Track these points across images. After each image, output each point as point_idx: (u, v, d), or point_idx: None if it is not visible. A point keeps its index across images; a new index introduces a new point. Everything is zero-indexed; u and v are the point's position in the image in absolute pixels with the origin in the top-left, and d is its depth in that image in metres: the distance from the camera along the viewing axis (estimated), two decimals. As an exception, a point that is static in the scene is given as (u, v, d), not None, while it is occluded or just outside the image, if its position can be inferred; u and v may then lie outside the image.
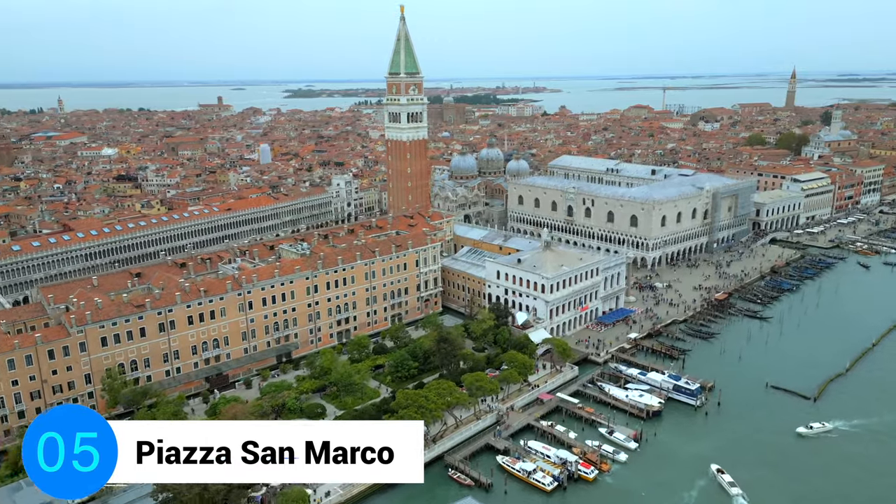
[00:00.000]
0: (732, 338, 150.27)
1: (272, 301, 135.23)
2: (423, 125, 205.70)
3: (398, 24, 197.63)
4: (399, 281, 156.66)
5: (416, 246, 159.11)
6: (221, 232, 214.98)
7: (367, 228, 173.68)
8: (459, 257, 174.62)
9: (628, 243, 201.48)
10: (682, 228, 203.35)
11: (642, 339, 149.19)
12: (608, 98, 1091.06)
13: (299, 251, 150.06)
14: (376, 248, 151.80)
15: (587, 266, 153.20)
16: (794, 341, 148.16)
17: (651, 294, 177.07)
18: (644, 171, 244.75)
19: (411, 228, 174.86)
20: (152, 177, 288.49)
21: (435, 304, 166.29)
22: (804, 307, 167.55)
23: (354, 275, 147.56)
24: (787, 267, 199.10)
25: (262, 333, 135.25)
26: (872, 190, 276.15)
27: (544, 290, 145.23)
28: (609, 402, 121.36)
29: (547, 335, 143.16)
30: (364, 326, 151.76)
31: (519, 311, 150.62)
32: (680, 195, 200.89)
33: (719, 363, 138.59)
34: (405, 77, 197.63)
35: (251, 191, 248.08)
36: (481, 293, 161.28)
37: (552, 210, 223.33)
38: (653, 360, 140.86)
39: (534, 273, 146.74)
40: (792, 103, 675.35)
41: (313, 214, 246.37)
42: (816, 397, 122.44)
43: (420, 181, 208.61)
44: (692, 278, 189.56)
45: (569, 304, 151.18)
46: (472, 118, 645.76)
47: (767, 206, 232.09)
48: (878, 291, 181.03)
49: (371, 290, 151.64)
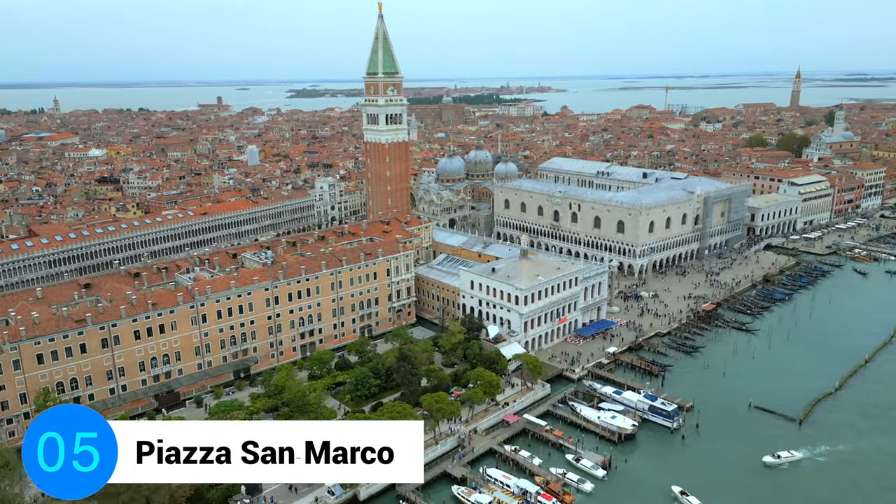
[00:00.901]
0: (718, 352, 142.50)
1: (228, 314, 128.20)
2: (403, 127, 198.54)
3: (376, 22, 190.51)
4: (369, 291, 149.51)
5: (388, 254, 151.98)
6: (196, 237, 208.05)
7: (339, 235, 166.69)
8: (435, 265, 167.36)
9: (615, 250, 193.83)
10: (671, 234, 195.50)
11: (622, 353, 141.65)
12: (613, 98, 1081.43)
13: (262, 260, 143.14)
14: (343, 257, 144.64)
15: (565, 276, 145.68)
16: (782, 356, 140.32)
17: (636, 304, 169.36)
18: (635, 175, 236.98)
19: (386, 235, 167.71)
20: (134, 179, 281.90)
21: (408, 315, 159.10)
22: (795, 318, 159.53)
23: (319, 285, 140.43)
24: (781, 275, 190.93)
25: (218, 348, 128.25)
26: (874, 193, 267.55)
27: (518, 302, 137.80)
28: (580, 423, 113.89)
29: (520, 349, 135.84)
30: (330, 339, 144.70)
31: (493, 323, 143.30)
32: (669, 200, 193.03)
33: (702, 380, 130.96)
34: (383, 77, 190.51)
35: (230, 194, 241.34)
36: (455, 304, 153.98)
37: (538, 215, 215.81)
38: (631, 376, 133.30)
39: (507, 283, 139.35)
40: (797, 103, 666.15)
41: (295, 218, 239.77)
42: (802, 420, 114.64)
43: (400, 185, 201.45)
44: (681, 287, 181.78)
45: (545, 316, 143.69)
46: (471, 118, 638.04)
47: (762, 210, 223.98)
48: (875, 302, 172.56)
49: (338, 301, 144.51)
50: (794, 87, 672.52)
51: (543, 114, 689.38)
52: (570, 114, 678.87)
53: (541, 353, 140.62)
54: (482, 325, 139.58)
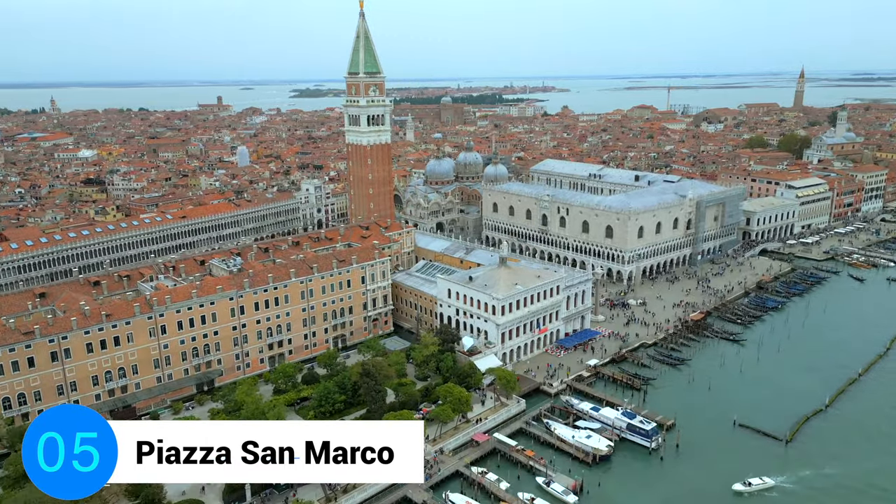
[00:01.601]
0: (704, 364, 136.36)
1: (190, 324, 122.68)
2: (386, 128, 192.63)
3: (357, 21, 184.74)
4: (342, 300, 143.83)
5: (362, 261, 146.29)
6: (174, 241, 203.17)
7: (315, 241, 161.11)
8: (414, 272, 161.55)
9: (603, 255, 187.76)
10: (661, 240, 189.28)
11: (603, 365, 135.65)
12: (617, 98, 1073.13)
13: (230, 267, 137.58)
14: (315, 264, 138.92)
15: (545, 284, 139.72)
16: (771, 369, 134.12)
17: (623, 313, 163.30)
18: (627, 177, 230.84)
19: (364, 240, 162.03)
20: (118, 181, 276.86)
21: (385, 325, 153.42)
22: (788, 328, 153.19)
23: (288, 294, 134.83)
24: (775, 282, 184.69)
25: (179, 360, 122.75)
26: (875, 196, 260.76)
27: (494, 312, 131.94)
28: (553, 443, 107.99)
29: (497, 362, 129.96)
30: (301, 350, 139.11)
31: (470, 334, 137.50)
32: (659, 204, 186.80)
33: (686, 395, 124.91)
34: (365, 77, 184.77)
35: (213, 196, 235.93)
36: (433, 313, 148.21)
37: (527, 219, 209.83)
38: (612, 390, 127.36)
39: (484, 293, 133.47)
40: (800, 103, 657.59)
41: (279, 221, 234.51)
42: (789, 439, 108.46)
43: (382, 188, 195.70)
44: (671, 294, 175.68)
45: (524, 327, 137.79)
46: (470, 119, 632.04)
47: (758, 214, 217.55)
48: (872, 311, 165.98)
49: (309, 311, 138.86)
50: (798, 87, 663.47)
51: (544, 114, 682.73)
52: (570, 114, 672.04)
53: (519, 366, 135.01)
54: (457, 335, 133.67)
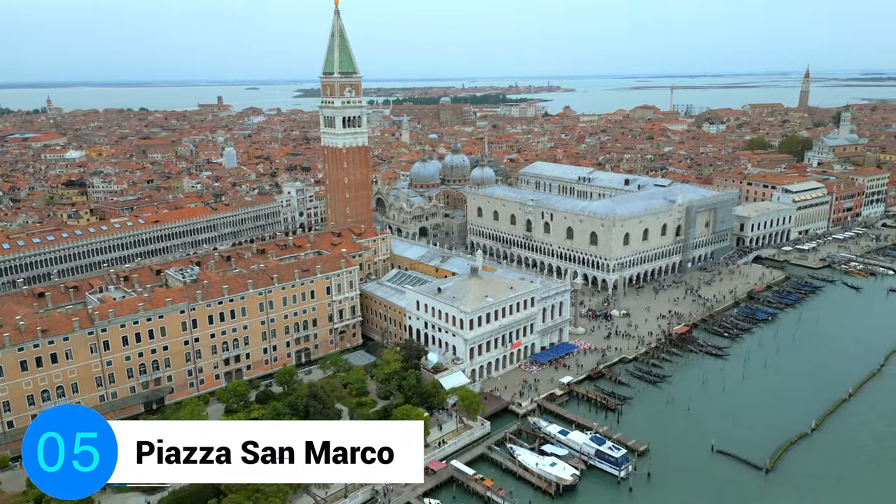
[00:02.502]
0: (685, 382, 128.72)
1: (136, 340, 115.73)
2: (363, 130, 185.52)
3: (332, 20, 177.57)
4: (305, 311, 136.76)
5: (328, 270, 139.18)
6: (147, 247, 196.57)
7: (282, 248, 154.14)
8: (385, 281, 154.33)
9: (588, 263, 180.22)
10: (649, 247, 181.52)
11: (578, 382, 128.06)
12: (623, 98, 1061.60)
13: (186, 277, 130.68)
14: (275, 274, 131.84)
15: (518, 296, 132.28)
16: (756, 388, 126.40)
17: (605, 324, 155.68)
18: (617, 181, 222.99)
19: (335, 248, 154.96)
20: (98, 183, 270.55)
21: (353, 337, 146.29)
22: (777, 342, 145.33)
23: (245, 306, 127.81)
24: (767, 291, 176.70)
25: (124, 377, 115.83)
26: (876, 200, 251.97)
27: (462, 326, 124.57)
28: (515, 471, 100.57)
29: (464, 380, 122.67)
30: (260, 365, 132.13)
31: (439, 348, 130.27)
32: (646, 210, 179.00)
33: (663, 416, 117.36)
34: (339, 77, 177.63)
35: (190, 200, 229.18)
36: (402, 325, 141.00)
37: (511, 224, 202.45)
38: (586, 409, 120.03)
39: (451, 305, 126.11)
40: (805, 104, 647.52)
41: (259, 226, 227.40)
42: (769, 468, 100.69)
43: (359, 192, 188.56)
44: (658, 304, 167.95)
45: (495, 341, 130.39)
46: (469, 119, 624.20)
47: (752, 219, 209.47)
48: (867, 323, 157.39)
49: (269, 323, 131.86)
50: (803, 86, 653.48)
51: (544, 114, 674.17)
52: (572, 114, 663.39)
53: (489, 383, 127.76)
54: (423, 351, 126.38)
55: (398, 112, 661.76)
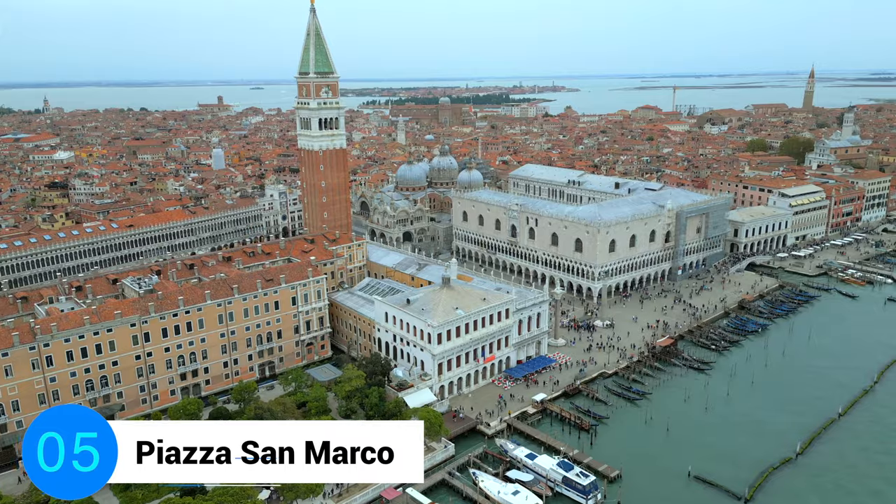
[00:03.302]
0: (666, 400, 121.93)
1: (82, 355, 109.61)
2: (340, 133, 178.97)
3: (308, 18, 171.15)
4: (269, 323, 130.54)
5: (294, 279, 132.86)
6: (120, 252, 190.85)
7: (250, 255, 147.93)
8: (357, 291, 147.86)
9: (573, 270, 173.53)
10: (637, 254, 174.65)
11: (553, 400, 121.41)
12: (628, 98, 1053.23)
13: (144, 287, 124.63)
14: (235, 284, 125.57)
15: (491, 308, 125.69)
16: (741, 406, 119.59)
17: (587, 336, 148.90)
18: (607, 185, 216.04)
19: (305, 255, 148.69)
20: (80, 185, 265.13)
21: (322, 349, 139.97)
22: (766, 356, 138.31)
23: (203, 318, 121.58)
24: (759, 300, 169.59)
25: (70, 394, 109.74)
26: (877, 205, 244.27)
27: (430, 340, 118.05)
28: (477, 499, 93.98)
29: (431, 397, 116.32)
30: (220, 380, 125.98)
31: (408, 362, 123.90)
32: (633, 215, 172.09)
33: (640, 437, 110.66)
34: (315, 77, 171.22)
35: (169, 203, 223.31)
36: (371, 337, 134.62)
37: (496, 229, 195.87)
38: (559, 429, 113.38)
39: (419, 318, 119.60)
40: (810, 104, 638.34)
41: (240, 229, 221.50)
42: (748, 497, 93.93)
43: (337, 196, 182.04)
44: (645, 314, 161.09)
45: (466, 356, 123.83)
46: (469, 119, 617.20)
47: (746, 225, 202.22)
48: (862, 336, 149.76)
49: (229, 336, 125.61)
50: (808, 87, 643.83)
51: (545, 115, 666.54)
52: (573, 115, 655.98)
53: (459, 400, 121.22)
54: (388, 366, 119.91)
55: (397, 112, 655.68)
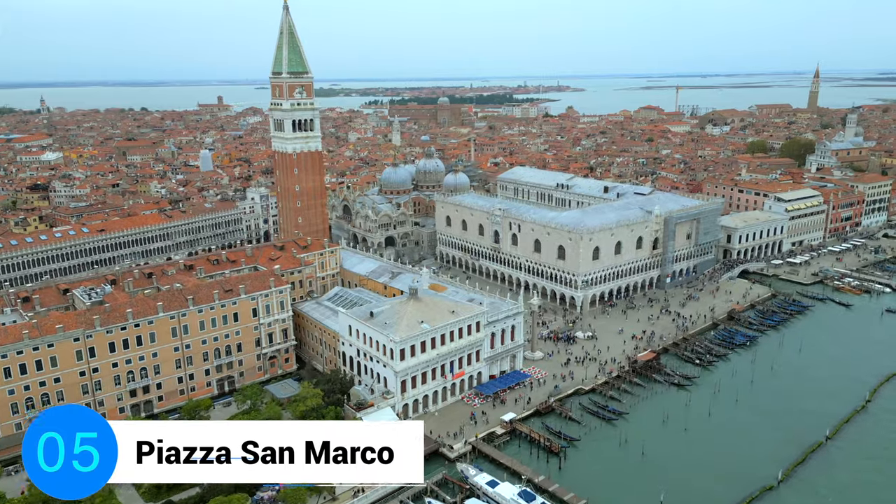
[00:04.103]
0: (644, 419, 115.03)
1: (20, 371, 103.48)
2: (315, 135, 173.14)
3: (281, 15, 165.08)
4: (228, 336, 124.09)
5: (255, 290, 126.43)
6: (90, 257, 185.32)
7: (214, 263, 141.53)
8: (324, 301, 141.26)
9: (556, 278, 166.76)
10: (622, 261, 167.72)
11: (524, 419, 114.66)
12: (633, 97, 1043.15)
13: (95, 298, 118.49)
14: (190, 296, 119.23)
15: (460, 321, 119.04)
16: (723, 426, 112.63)
17: (566, 348, 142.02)
18: (596, 189, 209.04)
19: (273, 262, 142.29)
20: (60, 187, 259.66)
21: (286, 363, 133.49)
22: (753, 371, 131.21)
23: (154, 331, 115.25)
24: (751, 310, 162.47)
25: (7, 413, 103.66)
26: (878, 209, 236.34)
27: (393, 356, 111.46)
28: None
29: (392, 417, 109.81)
30: (174, 396, 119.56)
31: (371, 378, 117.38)
32: (618, 222, 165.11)
33: (613, 461, 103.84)
34: (288, 77, 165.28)
35: (146, 206, 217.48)
36: (336, 351, 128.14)
37: (479, 234, 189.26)
38: (526, 452, 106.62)
39: (381, 333, 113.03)
40: (815, 104, 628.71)
41: (218, 234, 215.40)
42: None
43: (312, 201, 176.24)
44: (630, 324, 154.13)
45: (433, 372, 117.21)
46: (468, 120, 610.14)
47: (740, 230, 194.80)
48: (856, 350, 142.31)
49: (184, 350, 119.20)
50: (812, 87, 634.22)
51: (545, 115, 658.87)
52: (574, 115, 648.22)
53: (424, 419, 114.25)
54: (348, 384, 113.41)
55: (396, 112, 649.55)
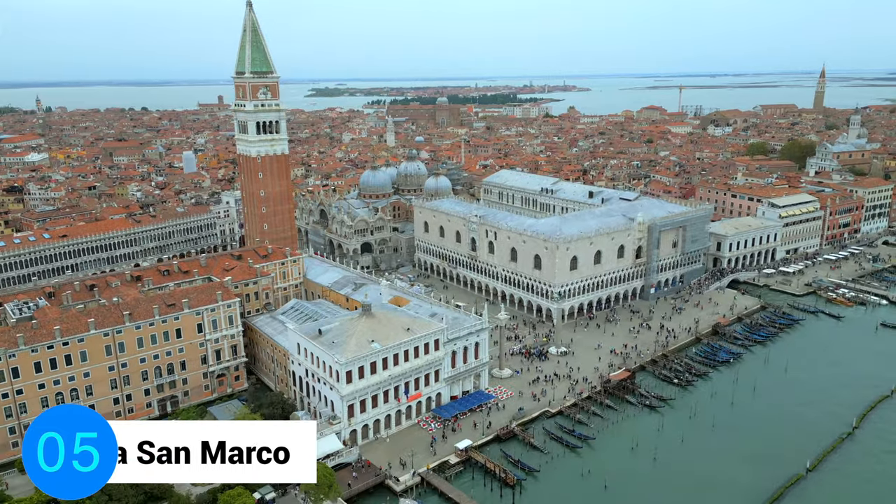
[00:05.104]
0: (611, 446, 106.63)
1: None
2: (281, 137, 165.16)
3: (244, 12, 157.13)
4: (170, 354, 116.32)
5: (200, 304, 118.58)
6: (52, 264, 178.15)
7: (164, 274, 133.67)
8: (279, 315, 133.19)
9: (533, 289, 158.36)
10: (603, 271, 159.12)
11: (480, 446, 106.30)
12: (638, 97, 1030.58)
13: (26, 313, 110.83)
14: (127, 311, 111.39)
15: (415, 340, 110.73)
16: (696, 456, 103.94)
17: (538, 366, 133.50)
18: (581, 193, 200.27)
19: (227, 273, 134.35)
20: (35, 190, 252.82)
21: (237, 381, 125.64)
22: (733, 392, 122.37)
23: (86, 349, 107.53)
24: (737, 324, 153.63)
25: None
26: (878, 215, 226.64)
27: (339, 379, 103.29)
28: (358, 579, 79.29)
29: (337, 445, 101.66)
30: (110, 418, 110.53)
31: (319, 401, 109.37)
32: (598, 230, 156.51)
33: (572, 496, 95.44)
34: (251, 77, 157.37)
35: (114, 211, 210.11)
36: (287, 370, 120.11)
37: (456, 241, 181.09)
38: (479, 486, 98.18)
39: (327, 353, 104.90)
40: (821, 105, 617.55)
41: (190, 239, 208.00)
42: (683, 582, 78.47)
43: (279, 207, 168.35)
44: (610, 338, 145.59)
45: (385, 394, 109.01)
46: (467, 120, 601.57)
47: (730, 238, 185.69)
48: (847, 369, 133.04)
49: (119, 369, 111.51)
50: (818, 87, 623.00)
51: (545, 115, 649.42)
52: (575, 115, 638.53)
53: (374, 447, 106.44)
54: (291, 408, 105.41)
55: (394, 112, 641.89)
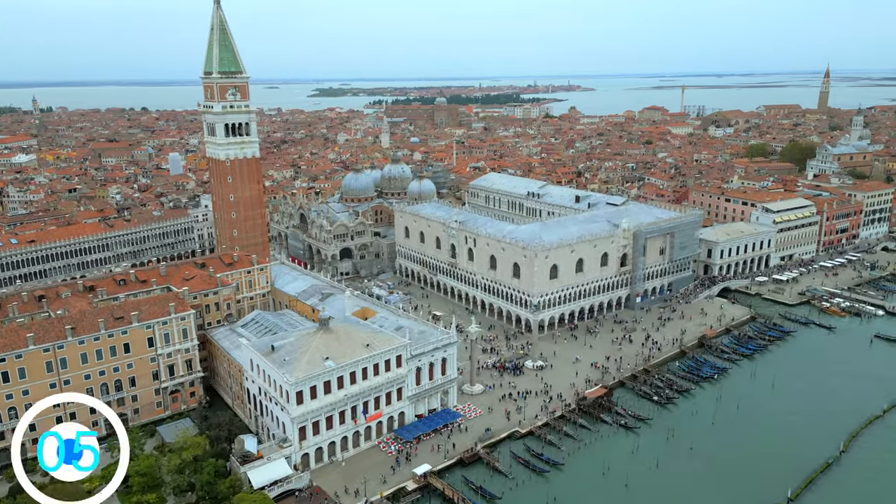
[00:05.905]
0: (581, 471, 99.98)
1: None
2: (252, 140, 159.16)
3: (212, 10, 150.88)
4: (118, 370, 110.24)
5: (150, 317, 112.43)
6: (17, 271, 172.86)
7: (120, 284, 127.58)
8: (238, 327, 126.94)
9: (512, 298, 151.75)
10: (585, 280, 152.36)
11: (440, 471, 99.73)
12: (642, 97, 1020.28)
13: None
14: (70, 325, 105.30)
15: (374, 357, 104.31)
16: (671, 482, 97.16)
17: (511, 381, 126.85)
18: (568, 198, 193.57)
19: (187, 282, 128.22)
20: (14, 192, 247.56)
21: (192, 397, 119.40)
22: (715, 412, 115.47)
23: (25, 366, 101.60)
24: (725, 335, 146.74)
25: None
26: (878, 220, 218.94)
27: (289, 399, 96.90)
28: None
29: (287, 470, 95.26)
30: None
31: (271, 421, 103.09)
32: (580, 237, 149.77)
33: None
34: (219, 77, 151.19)
35: (89, 214, 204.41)
36: (242, 386, 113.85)
37: (436, 247, 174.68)
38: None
39: (278, 371, 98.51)
40: (825, 105, 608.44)
41: (166, 244, 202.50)
42: None
43: (250, 212, 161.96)
44: (591, 351, 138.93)
45: (341, 415, 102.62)
46: (466, 120, 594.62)
47: (721, 245, 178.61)
48: (837, 385, 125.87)
49: (62, 386, 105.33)
50: (823, 87, 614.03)
51: (546, 116, 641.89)
52: (575, 116, 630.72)
53: (328, 471, 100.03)
54: (235, 431, 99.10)
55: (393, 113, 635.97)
